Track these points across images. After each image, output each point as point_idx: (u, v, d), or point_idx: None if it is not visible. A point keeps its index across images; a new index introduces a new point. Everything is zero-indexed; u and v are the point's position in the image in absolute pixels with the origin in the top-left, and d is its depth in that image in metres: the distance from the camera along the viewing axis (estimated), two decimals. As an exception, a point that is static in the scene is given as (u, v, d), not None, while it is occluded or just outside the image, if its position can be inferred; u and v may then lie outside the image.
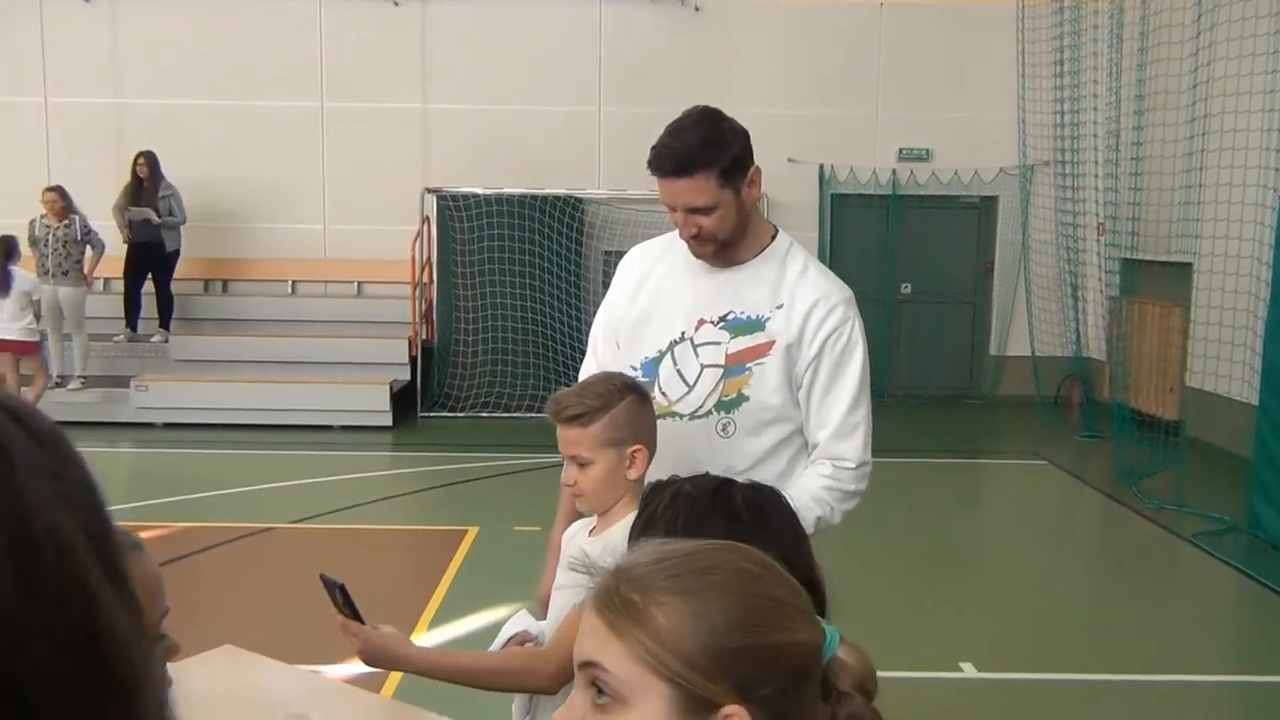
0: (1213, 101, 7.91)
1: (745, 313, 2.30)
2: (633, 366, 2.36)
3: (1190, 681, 4.57)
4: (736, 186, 2.22)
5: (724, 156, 2.18)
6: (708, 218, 2.21)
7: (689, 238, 2.25)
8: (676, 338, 2.34)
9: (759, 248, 2.34)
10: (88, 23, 10.89)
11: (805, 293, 2.29)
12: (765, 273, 2.32)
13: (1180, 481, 7.34)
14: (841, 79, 11.02)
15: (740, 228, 2.27)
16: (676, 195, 2.21)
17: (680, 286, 2.37)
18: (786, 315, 2.28)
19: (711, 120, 2.22)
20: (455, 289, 10.61)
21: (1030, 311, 11.07)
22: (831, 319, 2.27)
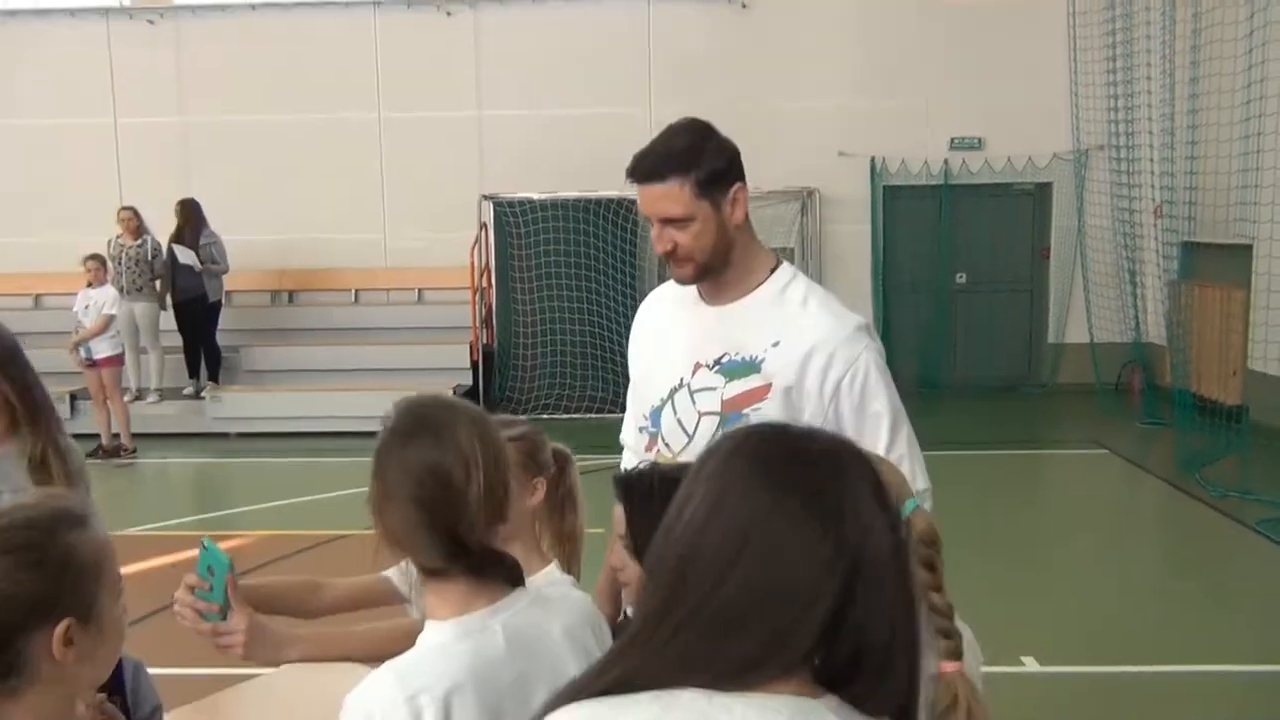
0: (1269, 83, 7.82)
1: (740, 354, 2.11)
2: (644, 416, 2.27)
3: (1255, 672, 4.59)
4: (715, 201, 2.07)
5: (702, 165, 2.05)
6: (683, 232, 2.06)
7: (665, 254, 2.11)
8: (676, 384, 2.18)
9: (755, 281, 2.16)
10: (153, 44, 11.25)
11: (805, 331, 2.09)
12: (761, 309, 2.14)
13: (1245, 467, 7.32)
14: (890, 70, 11.02)
15: (722, 251, 2.10)
16: (651, 202, 2.08)
17: (678, 330, 2.24)
18: (784, 354, 2.08)
19: (698, 131, 2.12)
20: (514, 293, 10.81)
21: (1088, 298, 11.00)
22: (838, 362, 2.06)
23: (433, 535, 1.46)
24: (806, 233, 11.11)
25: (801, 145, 10.97)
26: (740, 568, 1.04)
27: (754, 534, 1.05)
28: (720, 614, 1.04)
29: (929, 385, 11.33)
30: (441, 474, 1.47)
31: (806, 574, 1.04)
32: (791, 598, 1.04)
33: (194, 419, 9.90)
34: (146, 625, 4.49)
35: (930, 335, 11.43)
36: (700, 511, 1.08)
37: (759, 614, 1.04)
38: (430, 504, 1.46)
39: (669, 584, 1.07)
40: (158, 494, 8.60)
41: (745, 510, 1.06)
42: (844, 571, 1.05)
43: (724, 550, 1.05)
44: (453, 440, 1.49)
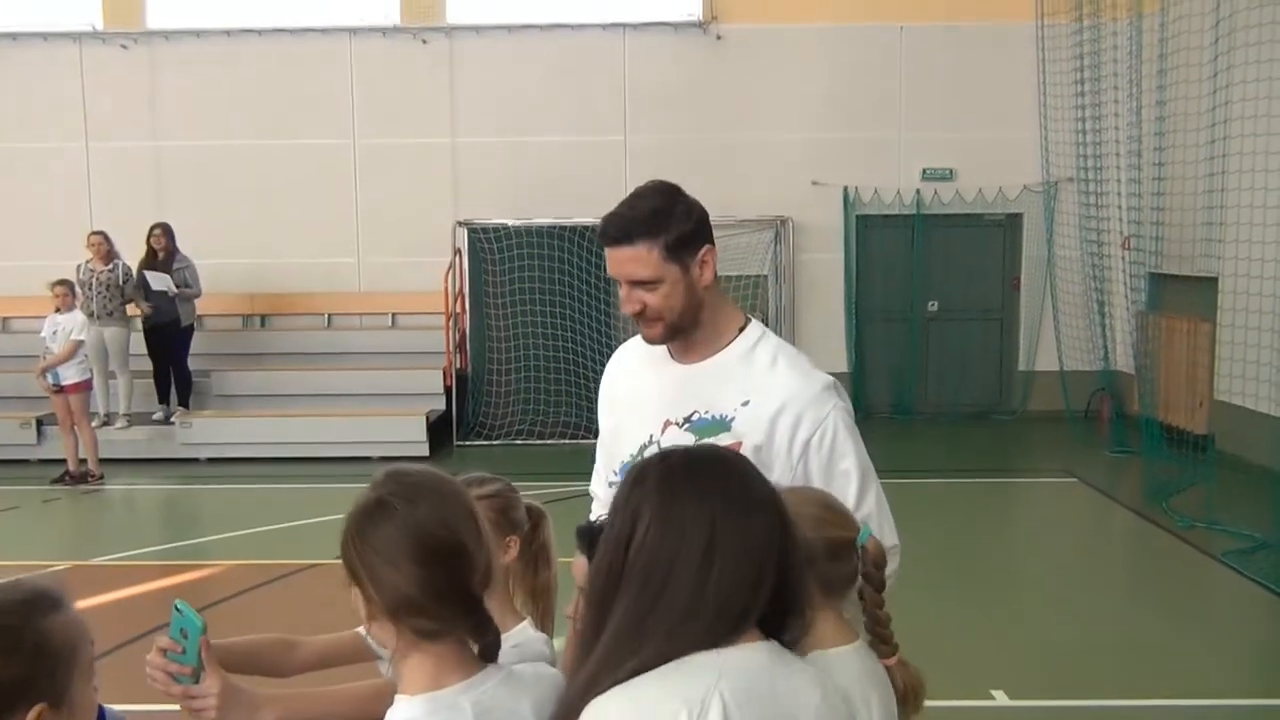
0: (1232, 125, 7.97)
1: (710, 412, 2.13)
2: (614, 472, 2.28)
3: (1222, 706, 4.63)
4: (684, 263, 2.08)
5: (671, 229, 2.06)
6: (651, 294, 2.09)
7: (633, 314, 2.14)
8: (646, 441, 2.19)
9: (724, 340, 2.19)
10: (126, 68, 11.21)
11: (772, 391, 2.11)
12: (730, 368, 2.17)
13: (1211, 497, 7.39)
14: (863, 101, 11.15)
15: (691, 311, 2.12)
16: (619, 265, 2.10)
17: (646, 387, 2.25)
18: (753, 414, 2.10)
19: (664, 193, 2.12)
20: (488, 319, 10.81)
21: (1057, 327, 11.13)
22: (806, 422, 2.09)
23: (445, 593, 1.47)
24: (780, 261, 11.19)
25: (775, 174, 11.08)
26: (718, 564, 1.36)
27: (719, 534, 1.37)
28: (708, 601, 1.35)
29: (901, 412, 11.42)
30: (453, 528, 1.50)
31: (764, 556, 1.39)
32: (759, 575, 1.38)
33: (164, 444, 9.81)
34: (116, 658, 4.45)
35: (902, 363, 11.52)
36: (657, 527, 1.37)
37: (739, 594, 1.37)
38: (444, 561, 1.47)
39: (651, 591, 1.36)
40: (126, 521, 8.51)
41: (703, 515, 1.37)
42: (780, 546, 1.41)
43: (698, 552, 1.36)
44: (458, 497, 1.53)
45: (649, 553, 1.37)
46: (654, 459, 1.47)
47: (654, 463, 1.45)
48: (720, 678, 1.34)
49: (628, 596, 1.38)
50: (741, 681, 1.35)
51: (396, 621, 1.48)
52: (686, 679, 1.34)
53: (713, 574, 1.36)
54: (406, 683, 1.51)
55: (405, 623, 1.47)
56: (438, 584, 1.46)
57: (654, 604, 1.36)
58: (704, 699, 1.32)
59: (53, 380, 8.72)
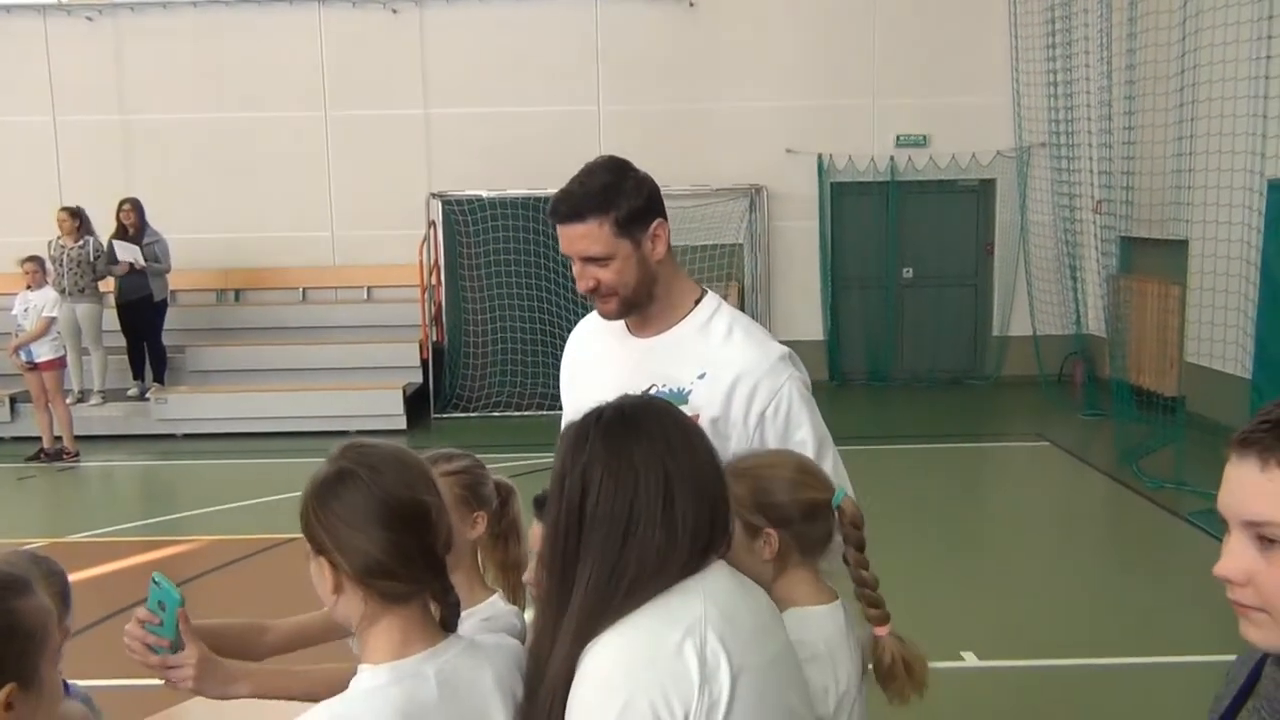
0: (1199, 88, 8.02)
1: (667, 386, 2.15)
2: None
3: (1190, 662, 4.72)
4: (636, 238, 2.10)
5: (621, 204, 2.08)
6: (604, 269, 2.11)
7: (586, 291, 2.16)
8: None
9: (680, 313, 2.21)
10: (92, 41, 11.07)
11: (729, 363, 2.14)
12: (686, 341, 2.19)
13: (1180, 458, 7.50)
14: (837, 69, 11.15)
15: (644, 286, 2.15)
16: (571, 242, 2.12)
17: (606, 362, 2.28)
18: (710, 386, 2.12)
19: (615, 169, 2.12)
20: (463, 291, 10.80)
21: (1031, 292, 11.21)
22: (762, 392, 2.11)
23: (413, 555, 1.50)
24: (755, 229, 11.20)
25: (749, 143, 11.07)
26: (679, 500, 1.46)
27: (672, 471, 1.47)
28: (678, 535, 1.46)
29: (877, 379, 11.50)
30: (419, 495, 1.52)
31: (714, 482, 1.52)
32: (714, 501, 1.51)
33: (139, 420, 9.79)
34: (93, 634, 4.47)
35: (878, 329, 11.58)
36: (610, 479, 1.46)
37: (703, 522, 1.48)
38: (411, 524, 1.50)
39: (617, 540, 1.44)
40: (102, 498, 8.50)
41: (653, 457, 1.47)
42: (721, 475, 1.55)
43: (658, 493, 1.46)
44: (419, 465, 1.56)
45: (608, 504, 1.45)
46: (589, 417, 1.54)
47: (590, 421, 1.53)
48: (707, 602, 1.44)
49: (594, 550, 1.45)
50: (724, 602, 1.47)
51: (366, 587, 1.50)
52: (679, 608, 1.43)
53: (676, 510, 1.46)
54: (370, 651, 1.52)
55: (375, 586, 1.50)
56: (405, 547, 1.49)
57: (623, 551, 1.44)
58: (701, 623, 1.42)
59: (26, 357, 8.70)
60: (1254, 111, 7.46)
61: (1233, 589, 1.13)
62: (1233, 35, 7.58)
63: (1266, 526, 1.09)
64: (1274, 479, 1.09)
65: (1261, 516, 1.10)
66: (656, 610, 1.43)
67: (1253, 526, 1.10)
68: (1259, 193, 7.34)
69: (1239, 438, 1.13)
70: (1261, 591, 1.11)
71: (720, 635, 1.42)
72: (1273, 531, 1.09)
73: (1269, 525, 1.09)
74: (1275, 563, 1.09)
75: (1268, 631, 1.12)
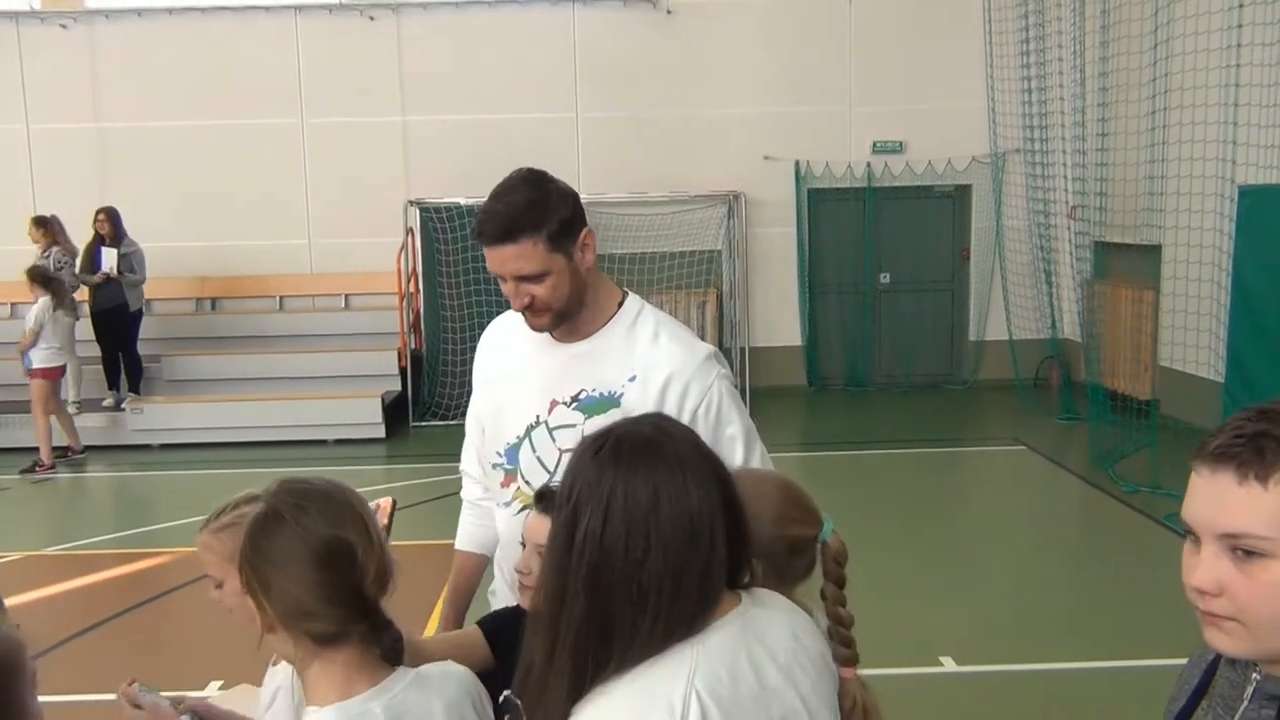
0: (1171, 95, 8.11)
1: (597, 390, 2.16)
2: (497, 453, 2.28)
3: (1167, 666, 4.75)
4: (568, 251, 2.09)
5: (550, 220, 2.06)
6: (539, 285, 2.09)
7: (522, 309, 2.14)
8: (532, 422, 2.21)
9: (605, 317, 2.21)
10: (66, 49, 11.00)
11: (659, 364, 2.15)
12: (614, 344, 2.19)
13: (1155, 462, 7.56)
14: (814, 75, 11.20)
15: (576, 296, 2.14)
16: (504, 263, 2.09)
17: (529, 367, 2.26)
18: (641, 389, 2.14)
19: (535, 183, 2.10)
20: (442, 298, 10.78)
21: (1006, 297, 11.29)
22: (693, 392, 2.14)
23: (336, 595, 1.47)
24: (733, 236, 11.24)
25: (727, 149, 11.11)
26: (679, 548, 1.32)
27: (677, 517, 1.33)
28: (682, 589, 1.33)
29: (854, 384, 11.55)
30: (343, 537, 1.49)
31: (732, 523, 1.38)
32: (732, 542, 1.38)
33: (115, 431, 9.72)
34: (70, 648, 4.44)
35: (855, 334, 11.64)
36: (597, 521, 1.32)
37: (716, 568, 1.35)
38: (336, 564, 1.47)
39: (604, 589, 1.31)
40: (78, 510, 8.43)
41: (651, 500, 1.32)
42: (740, 507, 1.41)
43: (652, 542, 1.31)
44: (346, 503, 1.53)
45: (594, 542, 1.33)
46: (591, 442, 1.41)
47: (588, 446, 1.40)
48: (697, 671, 1.31)
49: (581, 588, 1.34)
50: (717, 666, 1.33)
51: (291, 629, 1.48)
52: (662, 683, 1.30)
53: (678, 555, 1.33)
54: (314, 693, 1.50)
55: (299, 628, 1.48)
56: (327, 587, 1.47)
57: (611, 597, 1.33)
58: (684, 700, 1.29)
59: (26, 364, 8.84)
60: (1225, 119, 7.54)
61: (1206, 599, 1.16)
62: (1204, 44, 7.67)
63: (1244, 539, 1.12)
64: (1252, 493, 1.12)
65: (1239, 529, 1.12)
66: (638, 686, 1.30)
67: (1229, 539, 1.13)
68: (1230, 199, 7.42)
69: (1214, 451, 1.15)
70: (1237, 602, 1.13)
71: (702, 713, 1.28)
72: (1250, 544, 1.12)
73: (1246, 538, 1.12)
74: (1252, 574, 1.12)
75: (1239, 640, 1.15)
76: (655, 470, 1.36)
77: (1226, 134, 7.49)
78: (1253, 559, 1.12)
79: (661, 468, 1.36)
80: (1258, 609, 1.13)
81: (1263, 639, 1.14)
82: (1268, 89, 7.05)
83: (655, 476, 1.35)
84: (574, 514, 1.35)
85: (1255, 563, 1.12)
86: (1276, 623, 1.12)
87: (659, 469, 1.36)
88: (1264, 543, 1.11)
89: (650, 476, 1.35)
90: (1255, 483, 1.11)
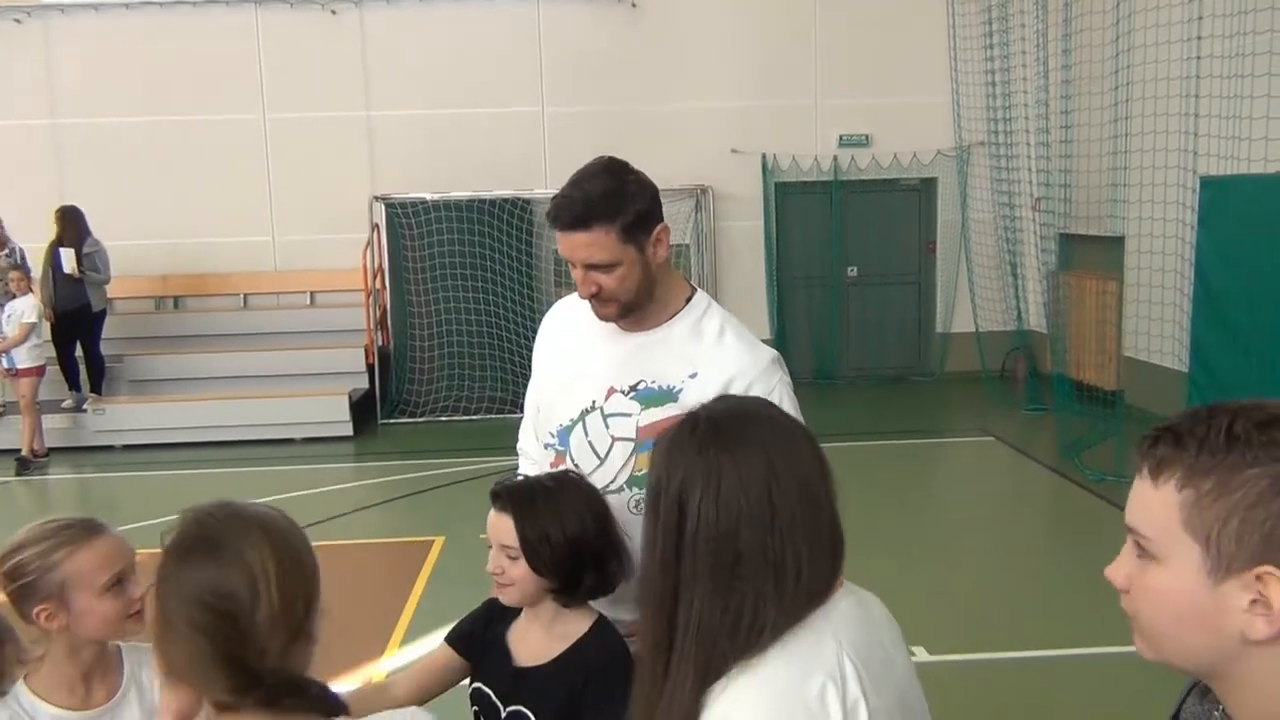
0: (1133, 87, 8.19)
1: (657, 383, 2.14)
2: (550, 433, 2.26)
3: (1134, 653, 4.81)
4: (640, 244, 2.07)
5: (626, 211, 2.03)
6: (608, 276, 2.06)
7: (588, 297, 2.11)
8: (588, 406, 2.19)
9: (672, 311, 2.19)
10: (20, 44, 10.80)
11: (722, 363, 2.13)
12: (679, 339, 2.17)
13: (1120, 451, 7.64)
14: (780, 69, 11.21)
15: (646, 289, 2.11)
16: (575, 250, 2.06)
17: (591, 351, 2.22)
18: (700, 387, 2.09)
19: (615, 172, 2.07)
20: (408, 294, 10.70)
21: (973, 289, 11.36)
22: (755, 394, 2.08)
23: (218, 665, 1.28)
24: (701, 229, 11.24)
25: (694, 143, 11.10)
26: (796, 526, 1.29)
27: (788, 496, 1.29)
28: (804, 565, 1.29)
29: (823, 377, 11.58)
30: (223, 594, 1.29)
31: (826, 499, 1.36)
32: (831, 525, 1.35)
33: (77, 432, 9.57)
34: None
35: (823, 328, 11.67)
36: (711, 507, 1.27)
37: (829, 543, 1.34)
38: (212, 630, 1.28)
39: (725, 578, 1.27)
40: (40, 513, 8.27)
41: (761, 479, 1.28)
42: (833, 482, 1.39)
43: (770, 522, 1.28)
44: (235, 554, 1.32)
45: (710, 530, 1.28)
46: (685, 425, 1.36)
47: (685, 430, 1.34)
48: (840, 641, 1.30)
49: (699, 585, 1.29)
50: (855, 639, 1.32)
51: (187, 691, 1.31)
52: (813, 651, 1.27)
53: (794, 533, 1.30)
54: None
55: (198, 693, 1.30)
56: (208, 654, 1.28)
57: (733, 585, 1.28)
58: (838, 666, 1.27)
59: (8, 364, 8.79)
60: (1186, 110, 7.62)
61: (1122, 596, 1.12)
62: (1165, 36, 7.74)
63: (1137, 536, 1.08)
64: (1144, 488, 1.08)
65: (1131, 523, 1.09)
66: (789, 655, 1.27)
67: (1130, 533, 1.10)
68: (1192, 189, 7.50)
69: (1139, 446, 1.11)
70: (1132, 603, 1.11)
71: (858, 677, 1.28)
72: (1142, 542, 1.08)
73: (1138, 535, 1.08)
74: (1143, 575, 1.08)
75: (1140, 642, 1.12)
76: (762, 436, 1.32)
77: (1188, 125, 7.57)
78: (1145, 560, 1.07)
79: (767, 433, 1.33)
80: (1142, 612, 1.09)
81: (1157, 645, 1.09)
82: (1228, 80, 7.13)
83: (764, 442, 1.32)
84: (678, 508, 1.29)
85: (1147, 564, 1.07)
86: (1160, 630, 1.08)
87: (765, 435, 1.33)
88: (1150, 543, 1.06)
89: (759, 444, 1.31)
90: (1148, 478, 1.07)
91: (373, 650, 4.85)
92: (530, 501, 2.01)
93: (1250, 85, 6.93)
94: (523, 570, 1.98)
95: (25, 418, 8.86)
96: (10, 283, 8.88)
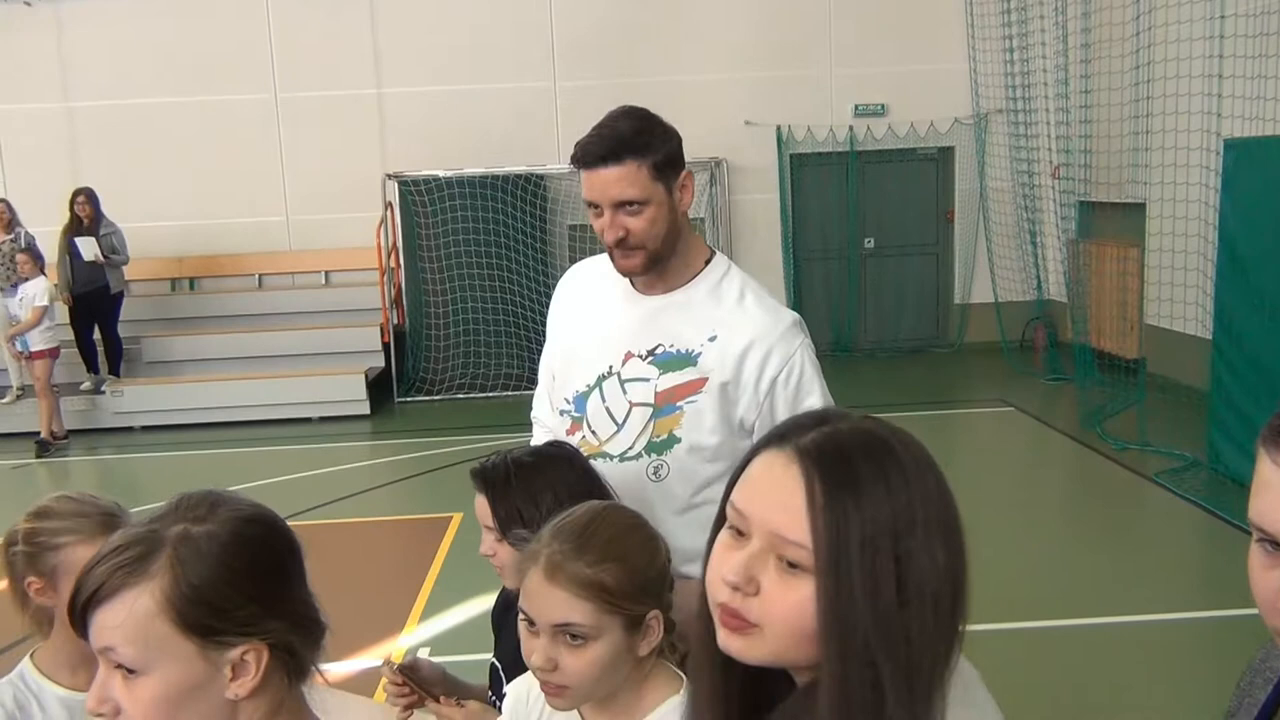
0: (1155, 49, 8.04)
1: (675, 346, 2.09)
2: (565, 399, 2.22)
3: (1159, 621, 4.77)
4: (669, 185, 2.03)
5: (656, 149, 2.00)
6: (638, 218, 2.00)
7: (614, 243, 2.04)
8: (605, 372, 2.14)
9: (691, 273, 2.13)
10: (31, 27, 10.77)
11: (741, 327, 2.07)
12: (697, 301, 2.12)
13: (1143, 419, 7.55)
14: (794, 39, 11.08)
15: (671, 239, 2.06)
16: (605, 186, 2.00)
17: (607, 315, 2.18)
18: (720, 350, 2.06)
19: (644, 116, 2.05)
20: (423, 272, 10.67)
21: (991, 258, 11.25)
22: (775, 358, 2.06)
23: None
24: (716, 203, 11.15)
25: (708, 116, 10.94)
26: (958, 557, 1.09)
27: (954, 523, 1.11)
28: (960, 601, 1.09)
29: (841, 349, 11.50)
30: None
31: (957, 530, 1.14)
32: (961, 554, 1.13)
33: (95, 414, 9.60)
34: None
35: (841, 300, 11.58)
36: (943, 553, 1.09)
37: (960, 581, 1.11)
38: None
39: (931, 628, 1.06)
40: (60, 494, 8.31)
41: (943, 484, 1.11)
42: None
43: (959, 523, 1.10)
44: None
45: (935, 579, 1.07)
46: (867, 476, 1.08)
47: (881, 449, 1.13)
48: (978, 678, 1.18)
49: (910, 636, 1.04)
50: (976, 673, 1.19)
51: None
52: (973, 688, 1.14)
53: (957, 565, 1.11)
54: None
55: None
56: None
57: (941, 633, 1.08)
58: (990, 704, 1.15)
59: (22, 347, 8.84)
60: (1209, 72, 7.47)
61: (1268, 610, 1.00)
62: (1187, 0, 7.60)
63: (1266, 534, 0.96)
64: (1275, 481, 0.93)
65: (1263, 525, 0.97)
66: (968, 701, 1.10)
67: (1261, 534, 0.98)
68: (1215, 153, 7.35)
69: None
70: None
71: None
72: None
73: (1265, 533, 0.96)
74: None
75: None
76: (921, 462, 1.12)
77: (1211, 87, 7.42)
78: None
79: (924, 458, 1.13)
80: None
81: None
82: (1252, 39, 6.98)
83: (929, 469, 1.12)
84: (892, 555, 1.03)
85: None
86: None
87: (921, 460, 1.12)
88: None
89: (929, 469, 1.12)
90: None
91: (392, 627, 4.84)
92: (505, 481, 1.92)
93: (1276, 44, 6.79)
94: (509, 551, 1.88)
95: (41, 400, 8.90)
96: (18, 266, 8.92)
